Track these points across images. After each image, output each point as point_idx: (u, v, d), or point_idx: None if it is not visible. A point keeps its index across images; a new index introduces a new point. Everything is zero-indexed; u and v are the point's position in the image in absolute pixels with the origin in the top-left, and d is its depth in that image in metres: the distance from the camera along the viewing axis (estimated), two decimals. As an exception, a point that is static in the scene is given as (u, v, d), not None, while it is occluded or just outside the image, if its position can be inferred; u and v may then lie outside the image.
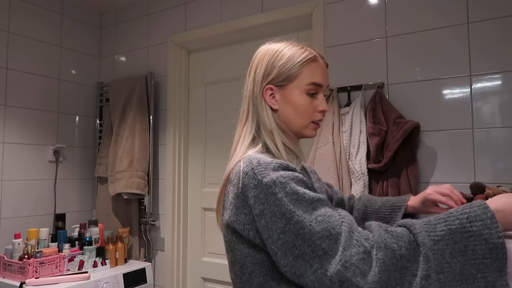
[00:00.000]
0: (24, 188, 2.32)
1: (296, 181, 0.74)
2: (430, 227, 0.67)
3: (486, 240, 0.64)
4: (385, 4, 1.77)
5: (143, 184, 2.35)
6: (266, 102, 0.86)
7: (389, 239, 0.67)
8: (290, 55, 0.85)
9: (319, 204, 0.72)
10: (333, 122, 1.74)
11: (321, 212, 0.70)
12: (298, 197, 0.71)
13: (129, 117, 2.44)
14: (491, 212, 0.66)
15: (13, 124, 2.29)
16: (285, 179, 0.73)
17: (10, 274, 1.87)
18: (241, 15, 2.18)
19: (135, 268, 2.18)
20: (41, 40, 2.45)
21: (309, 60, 0.86)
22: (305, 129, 0.87)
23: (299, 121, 0.86)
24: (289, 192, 0.71)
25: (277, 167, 0.75)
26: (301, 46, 0.88)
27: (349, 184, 1.66)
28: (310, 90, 0.85)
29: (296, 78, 0.85)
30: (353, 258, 0.64)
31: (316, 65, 0.87)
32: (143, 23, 2.61)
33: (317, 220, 0.69)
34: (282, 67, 0.85)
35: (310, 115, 0.86)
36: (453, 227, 0.66)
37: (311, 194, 0.72)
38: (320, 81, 0.86)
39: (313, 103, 0.86)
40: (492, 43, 1.54)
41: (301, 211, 0.69)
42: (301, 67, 0.85)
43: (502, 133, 1.51)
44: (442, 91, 1.63)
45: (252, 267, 0.78)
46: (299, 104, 0.85)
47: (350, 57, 1.84)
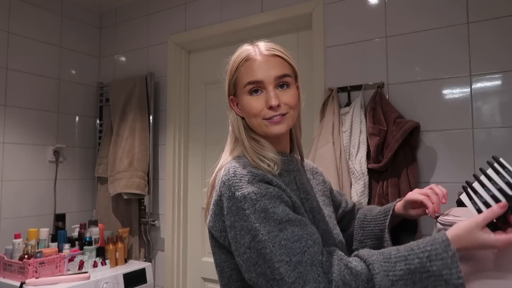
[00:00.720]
0: (24, 188, 2.32)
1: (269, 198, 0.72)
2: (390, 265, 0.66)
3: (446, 281, 0.63)
4: (385, 4, 1.77)
5: (143, 184, 2.35)
6: (235, 112, 0.88)
7: (348, 277, 0.66)
8: (232, 62, 0.88)
9: (288, 225, 0.70)
10: (333, 122, 1.74)
11: (287, 234, 0.69)
12: (266, 216, 0.70)
13: (129, 117, 2.44)
14: (452, 251, 0.65)
15: (13, 124, 2.29)
16: (256, 195, 0.72)
17: (10, 274, 1.87)
18: (241, 15, 2.18)
19: (135, 268, 2.18)
20: (41, 40, 2.45)
21: (241, 62, 0.86)
22: (262, 127, 0.84)
23: (253, 121, 0.85)
24: (257, 209, 0.71)
25: (252, 179, 0.74)
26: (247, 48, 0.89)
27: (349, 184, 1.66)
28: (251, 89, 0.84)
29: (238, 83, 0.86)
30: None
31: (250, 64, 0.84)
32: (143, 23, 2.61)
33: (280, 243, 0.68)
34: (229, 76, 0.88)
35: (258, 114, 0.83)
36: (413, 267, 0.65)
37: (281, 213, 0.71)
38: (256, 78, 0.83)
39: (259, 101, 0.83)
40: (492, 43, 1.54)
41: (266, 230, 0.69)
42: (237, 72, 0.86)
43: (502, 133, 1.51)
44: (442, 91, 1.63)
45: (230, 272, 0.80)
46: (246, 106, 0.84)
47: (350, 57, 1.84)
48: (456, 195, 1.40)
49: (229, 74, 0.88)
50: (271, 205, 0.71)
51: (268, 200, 0.72)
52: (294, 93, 0.86)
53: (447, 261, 0.64)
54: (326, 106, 1.81)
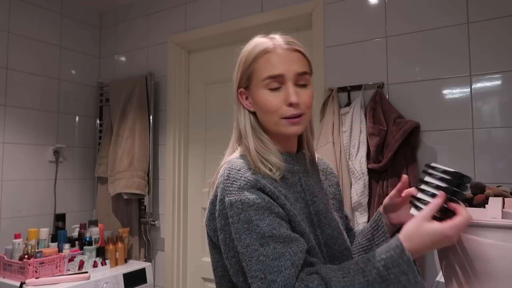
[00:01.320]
0: (24, 188, 2.32)
1: (256, 209, 0.70)
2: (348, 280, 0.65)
3: (405, 286, 0.64)
4: (385, 4, 1.77)
5: (143, 184, 2.35)
6: (243, 105, 0.84)
7: None
8: (247, 52, 0.83)
9: (271, 240, 0.68)
10: (333, 122, 1.74)
11: (267, 250, 0.67)
12: (249, 227, 0.69)
13: (129, 117, 2.44)
14: (407, 256, 0.65)
15: (13, 124, 2.29)
16: (243, 205, 0.70)
17: (10, 274, 1.87)
18: (241, 15, 2.18)
19: (135, 268, 2.18)
20: (41, 40, 2.45)
21: (260, 54, 0.80)
22: (277, 126, 0.79)
23: (268, 119, 0.80)
24: (242, 219, 0.69)
25: (243, 185, 0.72)
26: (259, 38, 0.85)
27: (349, 184, 1.67)
28: (270, 84, 0.78)
29: (253, 77, 0.80)
30: None
31: (271, 56, 0.79)
32: (143, 23, 2.61)
33: (258, 259, 0.67)
34: (242, 68, 0.83)
35: (276, 111, 0.78)
36: (371, 278, 0.64)
37: (265, 227, 0.69)
38: (277, 72, 0.77)
39: (278, 98, 0.78)
40: (492, 43, 1.54)
41: (246, 243, 0.68)
42: (254, 64, 0.80)
43: (502, 133, 1.51)
44: (442, 91, 1.63)
45: (222, 272, 0.80)
46: (261, 102, 0.79)
47: (350, 57, 1.84)
48: (456, 195, 1.40)
49: (243, 65, 0.82)
50: (256, 217, 0.70)
51: (254, 211, 0.70)
52: (311, 93, 0.81)
53: (403, 267, 0.64)
54: (326, 106, 1.81)
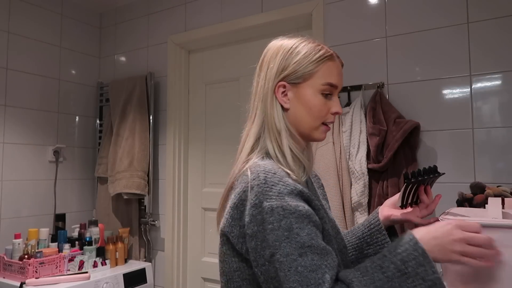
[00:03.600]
0: (24, 188, 2.32)
1: (297, 216, 0.68)
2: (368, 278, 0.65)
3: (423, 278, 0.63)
4: (385, 4, 1.77)
5: (143, 184, 2.35)
6: (278, 99, 0.81)
7: None
8: (307, 51, 0.80)
9: (309, 251, 0.66)
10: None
11: (306, 261, 0.65)
12: (289, 235, 0.66)
13: (129, 117, 2.44)
14: (421, 248, 0.65)
15: (13, 124, 2.29)
16: (284, 211, 0.68)
17: (10, 274, 1.87)
18: (241, 15, 2.18)
19: (135, 268, 2.18)
20: (41, 40, 2.45)
21: (326, 58, 0.80)
22: (315, 131, 0.82)
23: (310, 122, 0.81)
24: (282, 226, 0.67)
25: (283, 190, 0.70)
26: (317, 43, 0.83)
27: (349, 184, 1.66)
28: (325, 90, 0.80)
29: (311, 77, 0.80)
30: None
31: (333, 65, 0.81)
32: (143, 23, 2.61)
33: (296, 269, 0.64)
34: (298, 64, 0.80)
35: (322, 117, 0.81)
36: (390, 274, 0.64)
37: (305, 237, 0.67)
38: (336, 82, 0.81)
39: (327, 105, 0.81)
40: (492, 43, 1.54)
41: (286, 252, 0.66)
42: (318, 66, 0.80)
43: (502, 133, 1.51)
44: (442, 91, 1.63)
45: (240, 282, 0.76)
46: (312, 104, 0.80)
47: (350, 57, 1.84)
48: (456, 195, 1.41)
49: (302, 61, 0.80)
50: (297, 225, 0.67)
51: (295, 219, 0.68)
52: None
53: (419, 259, 0.64)
54: (326, 106, 1.81)
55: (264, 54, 0.86)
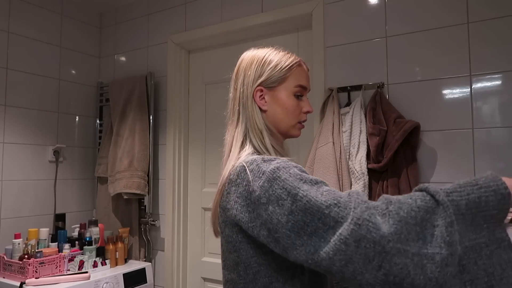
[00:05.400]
0: (24, 188, 2.32)
1: (300, 170, 0.76)
2: (438, 187, 0.67)
3: (495, 191, 0.64)
4: (385, 4, 1.77)
5: (143, 184, 2.35)
6: (256, 103, 0.91)
7: (402, 197, 0.66)
8: (278, 59, 0.92)
9: (323, 184, 0.72)
10: (333, 122, 1.74)
11: (325, 188, 0.70)
12: (301, 177, 0.72)
13: (129, 117, 2.44)
14: (494, 174, 0.67)
15: (13, 124, 2.29)
16: (288, 165, 0.76)
17: (10, 274, 1.87)
18: (241, 15, 2.18)
19: (135, 268, 2.18)
20: (41, 40, 2.45)
21: (295, 64, 0.93)
22: (292, 128, 0.93)
23: (287, 121, 0.92)
24: (292, 173, 0.73)
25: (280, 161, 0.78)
26: (286, 52, 0.95)
27: (349, 184, 1.66)
28: (297, 92, 0.92)
29: (285, 81, 0.91)
30: (365, 213, 0.62)
31: (301, 70, 0.94)
32: (143, 23, 2.61)
33: (322, 193, 0.68)
34: (272, 70, 0.91)
35: (297, 116, 0.92)
36: (462, 182, 0.66)
37: (314, 177, 0.74)
38: (306, 84, 0.93)
39: (300, 105, 0.93)
40: (492, 43, 1.54)
41: (306, 187, 0.69)
42: (289, 71, 0.91)
43: (502, 133, 1.51)
44: (442, 91, 1.63)
45: (257, 267, 0.79)
46: (288, 104, 0.91)
47: (350, 57, 1.84)
48: (456, 195, 1.40)
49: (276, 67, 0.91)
50: (304, 174, 0.74)
51: (298, 170, 0.75)
52: None
53: (489, 177, 0.65)
54: (326, 106, 1.81)
55: (239, 64, 0.97)
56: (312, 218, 0.66)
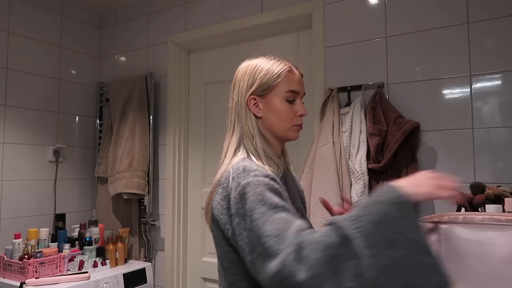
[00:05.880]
0: (24, 188, 2.32)
1: (269, 188, 0.79)
2: (345, 215, 0.70)
3: (392, 203, 0.67)
4: (385, 4, 1.77)
5: (143, 184, 2.35)
6: (251, 110, 0.95)
7: (315, 237, 0.68)
8: (268, 67, 0.95)
9: (282, 210, 0.75)
10: (333, 122, 1.74)
11: (279, 216, 0.73)
12: (263, 199, 0.76)
13: (129, 117, 2.44)
14: (389, 185, 0.73)
15: (13, 124, 2.29)
16: (259, 183, 0.79)
17: (10, 274, 1.87)
18: (241, 15, 2.18)
19: (135, 268, 2.18)
20: (41, 40, 2.45)
21: (285, 70, 0.95)
22: (288, 132, 0.96)
23: (282, 125, 0.95)
24: (257, 192, 0.77)
25: (258, 174, 0.82)
26: (277, 59, 0.98)
27: (349, 184, 1.67)
28: (289, 97, 0.95)
29: (275, 87, 0.94)
30: (291, 256, 0.66)
31: (292, 75, 0.96)
32: (143, 23, 2.61)
33: (273, 221, 0.72)
34: (262, 79, 0.95)
35: (291, 119, 0.95)
36: (365, 204, 0.71)
37: (277, 200, 0.76)
38: (297, 89, 0.96)
39: (293, 109, 0.95)
40: (492, 43, 1.54)
41: (261, 210, 0.74)
42: (279, 78, 0.94)
43: (502, 133, 1.51)
44: (442, 91, 1.63)
45: (228, 264, 0.85)
46: (280, 110, 0.94)
47: (350, 57, 1.84)
48: (456, 195, 1.40)
49: (265, 75, 0.95)
50: (269, 194, 0.77)
51: (267, 189, 0.78)
52: None
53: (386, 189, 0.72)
54: (326, 106, 1.81)
55: (236, 75, 1.01)
56: (257, 242, 0.72)
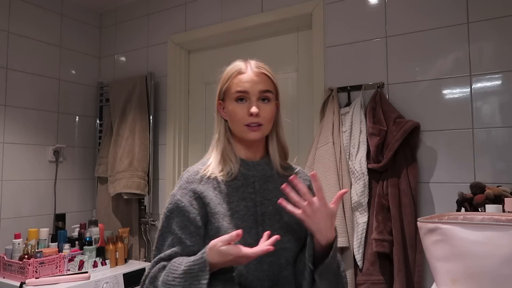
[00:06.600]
0: (24, 188, 2.32)
1: (172, 205, 0.94)
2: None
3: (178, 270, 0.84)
4: (385, 4, 1.77)
5: (143, 184, 2.34)
6: (221, 114, 1.01)
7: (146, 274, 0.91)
8: (225, 73, 1.01)
9: (170, 234, 0.93)
10: (333, 122, 1.74)
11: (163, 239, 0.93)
12: (164, 216, 0.95)
13: (129, 117, 2.44)
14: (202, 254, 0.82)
15: (13, 124, 2.29)
16: (173, 200, 0.95)
17: (10, 274, 1.87)
18: (241, 15, 2.18)
19: (135, 268, 2.18)
20: (41, 40, 2.45)
21: (235, 73, 0.98)
22: (242, 132, 0.96)
23: (236, 126, 0.97)
24: (166, 209, 0.95)
25: (178, 187, 0.97)
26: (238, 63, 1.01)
27: (349, 184, 1.67)
28: (237, 97, 0.96)
29: (228, 91, 0.98)
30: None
31: (242, 76, 0.97)
32: (143, 23, 2.61)
33: (157, 241, 0.95)
34: (221, 84, 1.01)
35: (241, 119, 0.95)
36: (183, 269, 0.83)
37: (174, 224, 0.92)
38: (243, 88, 0.96)
39: (244, 108, 0.95)
40: (492, 43, 1.54)
41: (160, 226, 0.95)
42: (229, 81, 0.98)
43: (502, 133, 1.51)
44: (442, 91, 1.63)
45: None
46: (231, 111, 0.96)
47: (350, 57, 1.84)
48: (456, 195, 1.41)
49: (222, 82, 1.00)
50: (172, 215, 0.94)
51: (176, 209, 0.93)
52: (272, 108, 0.98)
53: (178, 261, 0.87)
54: (326, 106, 1.81)
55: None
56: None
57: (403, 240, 1.56)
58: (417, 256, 1.54)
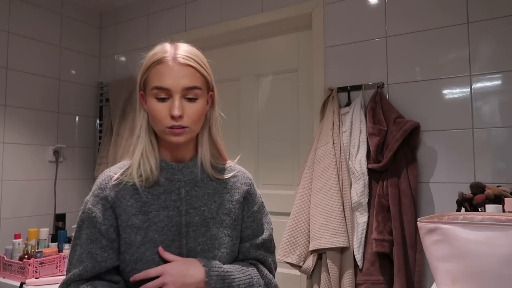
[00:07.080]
0: (24, 188, 2.32)
1: (87, 218, 0.84)
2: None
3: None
4: (385, 4, 1.77)
5: (143, 184, 2.34)
6: (144, 108, 0.87)
7: None
8: (146, 60, 0.83)
9: (79, 247, 0.83)
10: (333, 122, 1.74)
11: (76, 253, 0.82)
12: (80, 227, 0.84)
13: (129, 117, 2.45)
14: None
15: (13, 124, 2.29)
16: (84, 209, 0.85)
17: (10, 274, 1.87)
18: (241, 15, 2.18)
19: (135, 268, 2.17)
20: (41, 40, 2.45)
21: (155, 63, 0.80)
22: (164, 135, 0.82)
23: (156, 127, 0.83)
24: (79, 221, 0.85)
25: (94, 190, 0.87)
26: (160, 47, 0.83)
27: (349, 184, 1.67)
28: (157, 94, 0.80)
29: (147, 83, 0.82)
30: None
31: (161, 67, 0.79)
32: (143, 23, 2.61)
33: (70, 254, 0.84)
34: (141, 73, 0.84)
35: (162, 120, 0.80)
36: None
37: (83, 236, 0.82)
38: (163, 84, 0.79)
39: (165, 108, 0.80)
40: (492, 43, 1.54)
41: (75, 236, 0.85)
42: (148, 72, 0.82)
43: (502, 133, 1.51)
44: (442, 91, 1.63)
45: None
46: (151, 110, 0.82)
47: (350, 57, 1.84)
48: (456, 195, 1.41)
49: (142, 71, 0.84)
50: (84, 225, 0.84)
51: (87, 219, 0.83)
52: (200, 107, 0.82)
53: None
54: (326, 106, 1.81)
55: None
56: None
57: (403, 240, 1.56)
58: (417, 256, 1.55)
